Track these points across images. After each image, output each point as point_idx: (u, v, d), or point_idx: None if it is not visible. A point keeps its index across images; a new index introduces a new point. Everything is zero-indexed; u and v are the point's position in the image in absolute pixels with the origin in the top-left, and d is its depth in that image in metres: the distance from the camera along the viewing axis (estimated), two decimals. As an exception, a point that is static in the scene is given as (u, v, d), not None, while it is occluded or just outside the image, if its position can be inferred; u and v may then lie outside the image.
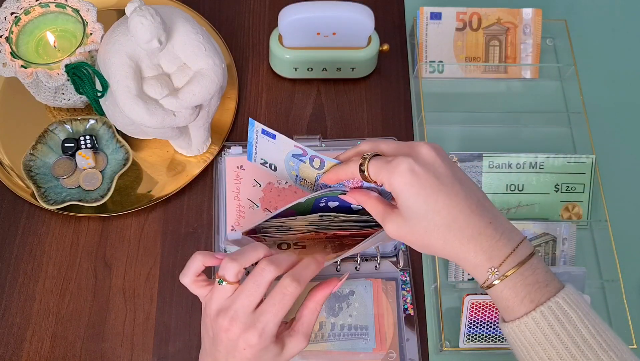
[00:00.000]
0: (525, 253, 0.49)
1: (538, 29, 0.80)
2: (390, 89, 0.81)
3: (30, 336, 0.66)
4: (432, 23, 0.80)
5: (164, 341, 0.66)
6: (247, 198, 0.71)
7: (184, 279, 0.56)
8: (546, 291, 0.48)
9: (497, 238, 0.49)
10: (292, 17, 0.72)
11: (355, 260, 0.67)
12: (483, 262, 0.49)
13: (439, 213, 0.49)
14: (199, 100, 0.64)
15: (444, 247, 0.50)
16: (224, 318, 0.52)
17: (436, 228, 0.50)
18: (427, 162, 0.50)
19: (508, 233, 0.50)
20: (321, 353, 0.63)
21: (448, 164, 0.51)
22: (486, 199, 0.52)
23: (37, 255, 0.69)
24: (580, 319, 0.47)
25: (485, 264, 0.49)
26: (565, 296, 0.48)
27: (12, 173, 0.72)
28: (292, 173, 0.61)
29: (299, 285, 0.53)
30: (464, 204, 0.49)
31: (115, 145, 0.72)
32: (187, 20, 0.65)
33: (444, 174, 0.50)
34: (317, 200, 0.57)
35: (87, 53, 0.67)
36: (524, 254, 0.49)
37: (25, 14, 0.69)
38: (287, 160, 0.59)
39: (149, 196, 0.72)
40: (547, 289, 0.48)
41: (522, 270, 0.49)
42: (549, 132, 0.78)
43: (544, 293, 0.48)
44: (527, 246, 0.50)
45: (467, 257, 0.50)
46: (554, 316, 0.47)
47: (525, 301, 0.48)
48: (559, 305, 0.48)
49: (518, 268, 0.49)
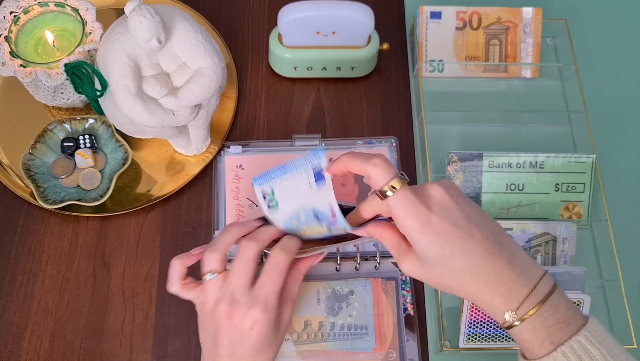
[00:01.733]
0: (545, 291, 0.48)
1: (538, 28, 0.80)
2: (390, 88, 0.80)
3: (29, 336, 0.66)
4: (432, 22, 0.80)
5: (162, 341, 0.66)
6: (246, 197, 0.71)
7: (171, 288, 0.56)
8: (567, 331, 0.47)
9: (514, 278, 0.48)
10: (292, 16, 0.71)
11: (355, 260, 0.67)
12: (500, 305, 0.48)
13: (455, 258, 0.48)
14: (198, 99, 0.64)
15: (461, 290, 0.50)
16: (224, 305, 0.53)
17: (452, 272, 0.49)
18: (441, 207, 0.49)
19: (527, 272, 0.49)
20: (321, 353, 0.63)
21: (462, 205, 0.49)
22: (504, 235, 0.51)
23: (36, 254, 0.69)
24: (603, 357, 0.46)
25: (502, 307, 0.48)
26: (587, 334, 0.47)
27: (11, 172, 0.72)
28: (292, 222, 0.55)
29: (288, 254, 0.54)
30: (480, 247, 0.48)
31: (114, 144, 0.72)
32: (186, 19, 0.65)
33: (458, 217, 0.49)
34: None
35: (86, 52, 0.67)
36: (544, 292, 0.48)
37: (24, 13, 0.68)
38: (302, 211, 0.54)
39: (148, 196, 0.71)
40: (568, 329, 0.47)
41: (542, 311, 0.47)
42: (549, 131, 0.78)
43: (565, 332, 0.47)
44: (547, 282, 0.49)
45: (484, 300, 0.49)
46: (576, 355, 0.46)
47: (545, 343, 0.47)
48: (581, 343, 0.46)
49: (537, 308, 0.47)
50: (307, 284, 0.65)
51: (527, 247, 0.68)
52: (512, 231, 0.68)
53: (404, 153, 0.76)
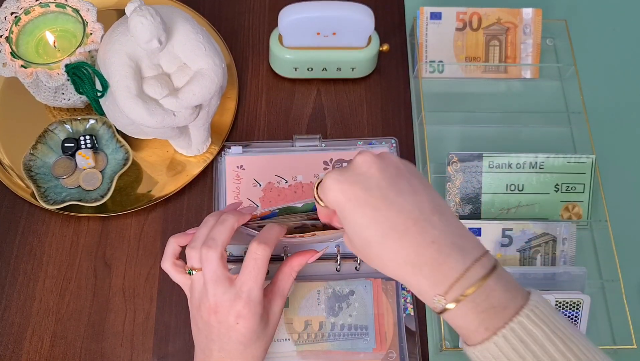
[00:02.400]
0: (480, 274, 0.43)
1: (538, 29, 0.80)
2: (390, 89, 0.81)
3: (30, 336, 0.66)
4: (432, 23, 0.80)
5: (163, 340, 0.66)
6: (247, 197, 0.71)
7: (164, 264, 0.57)
8: (504, 314, 0.43)
9: (440, 260, 0.44)
10: (292, 17, 0.72)
11: (355, 260, 0.67)
12: (427, 288, 0.44)
13: (367, 228, 0.45)
14: (198, 100, 0.64)
15: (384, 267, 0.46)
16: (207, 301, 0.53)
17: (369, 245, 0.45)
18: (357, 173, 0.46)
19: (459, 253, 0.44)
20: (321, 353, 0.63)
21: (386, 172, 0.46)
22: (440, 212, 0.46)
23: (37, 255, 0.69)
24: (546, 336, 0.42)
25: (430, 291, 0.44)
26: (529, 313, 0.43)
27: (12, 173, 0.72)
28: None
29: (266, 247, 0.53)
30: (396, 220, 0.44)
31: (115, 145, 0.72)
32: (187, 20, 0.65)
33: (376, 185, 0.45)
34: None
35: (87, 53, 0.67)
36: (478, 275, 0.43)
37: (25, 13, 0.69)
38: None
39: (149, 196, 0.72)
40: (505, 312, 0.43)
41: (474, 296, 0.43)
42: (549, 132, 0.78)
43: (502, 317, 0.43)
44: (484, 264, 0.44)
45: (409, 281, 0.45)
46: (517, 338, 0.42)
47: (480, 329, 0.43)
48: (523, 324, 0.43)
49: (470, 292, 0.43)
50: (307, 285, 0.65)
51: (527, 247, 0.68)
52: (512, 232, 0.68)
53: (404, 154, 0.76)
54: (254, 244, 0.54)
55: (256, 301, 0.53)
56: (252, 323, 0.53)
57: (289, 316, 0.64)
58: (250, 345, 0.54)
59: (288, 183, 0.71)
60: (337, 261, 0.67)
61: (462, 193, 0.71)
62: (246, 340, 0.54)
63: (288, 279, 0.58)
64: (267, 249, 0.53)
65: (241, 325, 0.53)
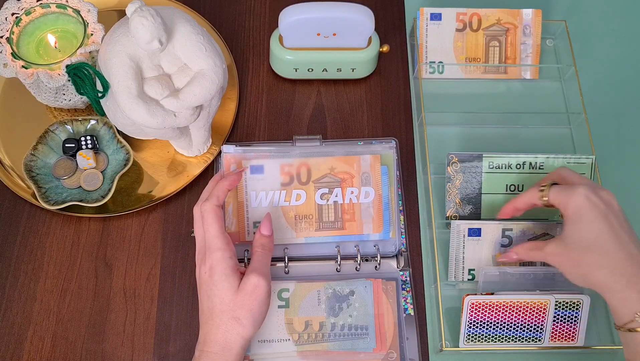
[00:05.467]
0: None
1: (538, 30, 0.80)
2: (390, 90, 0.81)
3: (31, 336, 0.66)
4: (432, 24, 0.80)
5: (164, 341, 0.66)
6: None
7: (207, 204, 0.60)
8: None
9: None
10: (293, 17, 0.72)
11: (355, 260, 0.68)
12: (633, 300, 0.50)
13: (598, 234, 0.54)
14: (199, 100, 0.64)
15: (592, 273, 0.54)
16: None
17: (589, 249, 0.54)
18: (603, 198, 0.57)
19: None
20: (321, 353, 0.63)
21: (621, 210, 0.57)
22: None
23: (38, 255, 0.70)
24: None
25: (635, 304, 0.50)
26: None
27: (13, 173, 0.73)
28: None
29: (207, 201, 0.60)
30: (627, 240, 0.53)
31: (116, 145, 0.72)
32: (187, 21, 0.65)
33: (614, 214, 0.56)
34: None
35: (87, 54, 0.68)
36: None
37: (26, 14, 0.69)
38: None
39: (150, 197, 0.72)
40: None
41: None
42: (549, 132, 0.78)
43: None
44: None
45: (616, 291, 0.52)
46: None
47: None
48: None
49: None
50: (307, 285, 0.65)
51: (527, 247, 0.68)
52: (512, 232, 0.68)
53: (404, 154, 0.76)
54: (199, 203, 0.61)
55: (217, 246, 0.58)
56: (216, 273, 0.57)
57: (290, 316, 0.64)
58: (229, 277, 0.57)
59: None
60: (338, 261, 0.67)
61: (462, 193, 0.71)
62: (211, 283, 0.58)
63: (256, 255, 0.60)
64: (207, 203, 0.59)
65: (208, 275, 0.58)
